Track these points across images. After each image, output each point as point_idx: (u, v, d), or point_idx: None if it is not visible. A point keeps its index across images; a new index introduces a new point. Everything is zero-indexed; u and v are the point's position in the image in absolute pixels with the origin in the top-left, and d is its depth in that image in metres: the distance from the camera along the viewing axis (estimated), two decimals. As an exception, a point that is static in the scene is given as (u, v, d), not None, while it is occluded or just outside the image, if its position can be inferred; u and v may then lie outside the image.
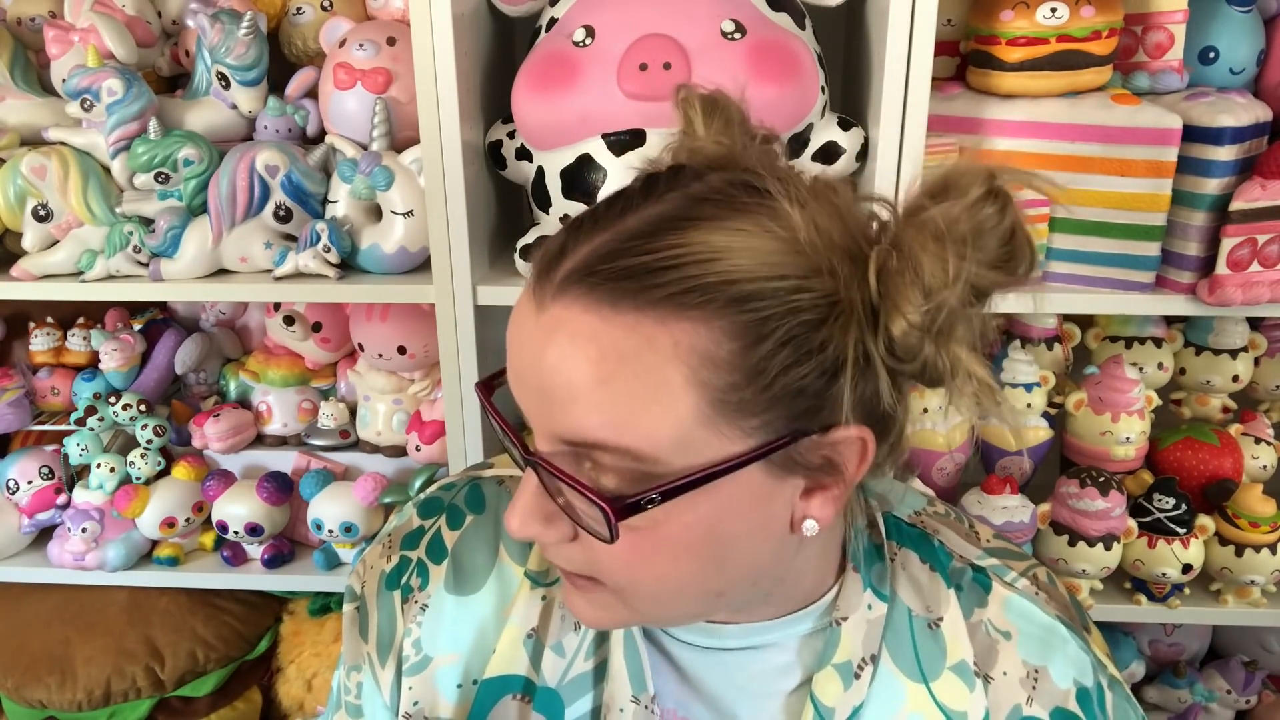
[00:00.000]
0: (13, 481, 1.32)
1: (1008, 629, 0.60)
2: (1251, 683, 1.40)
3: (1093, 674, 0.60)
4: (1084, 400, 1.18)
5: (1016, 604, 0.61)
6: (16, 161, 1.10)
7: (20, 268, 1.14)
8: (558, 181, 1.00)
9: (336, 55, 1.11)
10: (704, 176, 0.49)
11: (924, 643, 0.60)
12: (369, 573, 0.66)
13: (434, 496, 0.67)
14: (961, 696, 0.59)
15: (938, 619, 0.61)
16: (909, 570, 0.62)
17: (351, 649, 0.66)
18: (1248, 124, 0.98)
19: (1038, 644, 0.60)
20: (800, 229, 0.46)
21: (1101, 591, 1.23)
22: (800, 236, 0.46)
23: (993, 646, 0.60)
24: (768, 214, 0.47)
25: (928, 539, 0.64)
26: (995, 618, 0.61)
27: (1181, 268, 1.03)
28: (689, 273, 0.45)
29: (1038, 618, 0.60)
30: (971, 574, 0.62)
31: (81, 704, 1.32)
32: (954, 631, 0.60)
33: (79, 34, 1.14)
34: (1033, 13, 0.98)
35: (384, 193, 1.09)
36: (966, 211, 0.45)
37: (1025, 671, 0.59)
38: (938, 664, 0.60)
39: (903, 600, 0.61)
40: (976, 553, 0.63)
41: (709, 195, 0.48)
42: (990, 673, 0.60)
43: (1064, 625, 0.60)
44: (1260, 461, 1.23)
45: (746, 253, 0.45)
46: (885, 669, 0.59)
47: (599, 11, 0.96)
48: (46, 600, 1.39)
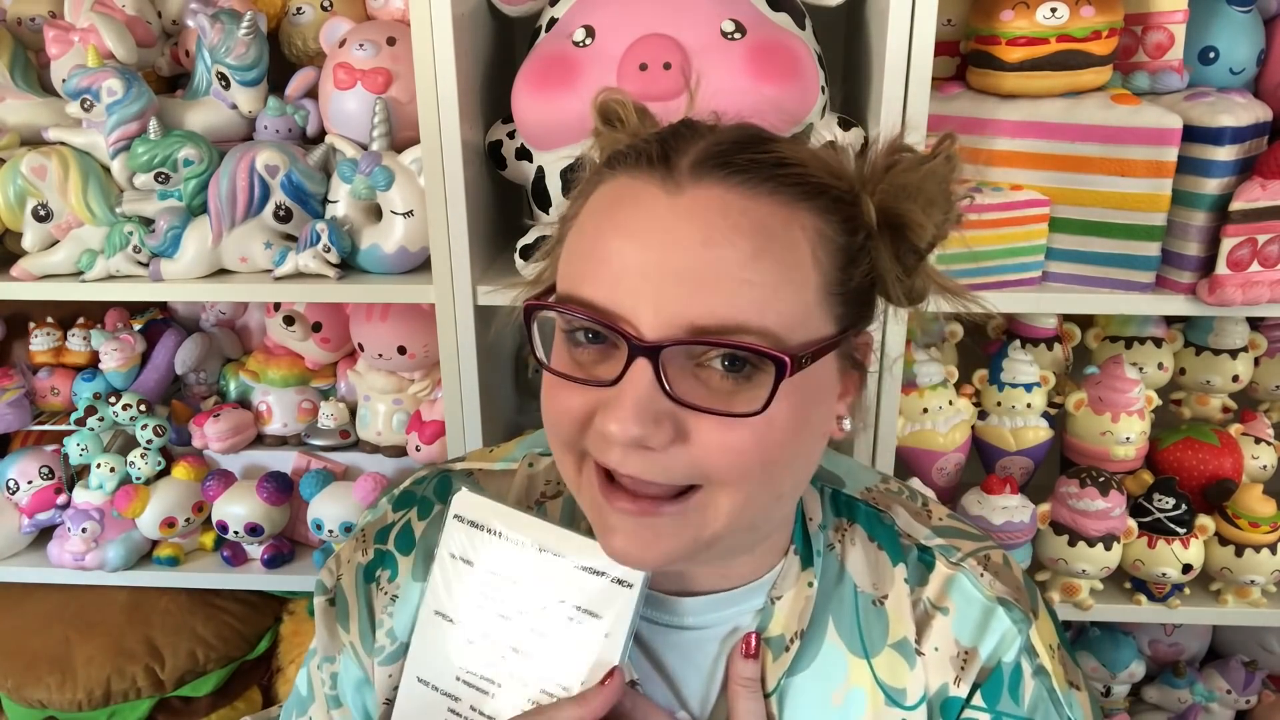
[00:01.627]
0: (13, 481, 1.32)
1: (945, 605, 0.61)
2: (1251, 683, 1.40)
3: (1015, 654, 0.59)
4: (1084, 400, 1.18)
5: (956, 582, 0.61)
6: (16, 161, 1.11)
7: (20, 268, 1.14)
8: (558, 181, 1.00)
9: (336, 55, 1.11)
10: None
11: (868, 618, 0.61)
12: (345, 567, 0.67)
13: (407, 490, 0.69)
14: (901, 673, 0.60)
15: (883, 596, 0.62)
16: (858, 546, 0.63)
17: (326, 641, 0.67)
18: (1248, 124, 0.98)
19: (972, 624, 0.60)
20: (831, 156, 0.53)
21: (1101, 591, 1.23)
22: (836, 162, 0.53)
23: (928, 621, 0.61)
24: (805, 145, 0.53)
25: (878, 516, 0.64)
26: (934, 595, 0.61)
27: (1181, 268, 1.03)
28: (799, 170, 0.50)
29: (976, 598, 0.60)
30: (917, 553, 0.63)
31: (81, 704, 1.32)
32: (898, 609, 0.61)
33: (79, 34, 1.14)
34: (1033, 13, 0.98)
35: (384, 193, 1.09)
36: (938, 165, 0.54)
37: (956, 650, 0.60)
38: (879, 640, 0.61)
39: (850, 575, 0.62)
40: (925, 532, 0.64)
41: (748, 124, 0.54)
42: (922, 648, 0.60)
43: (1004, 607, 0.60)
44: (1260, 461, 1.23)
45: (824, 166, 0.52)
46: (829, 642, 0.61)
47: (599, 11, 0.96)
48: (46, 600, 1.39)
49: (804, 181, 0.50)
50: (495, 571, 0.60)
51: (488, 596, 0.60)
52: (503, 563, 0.59)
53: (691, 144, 0.51)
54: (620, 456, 0.50)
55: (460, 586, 0.61)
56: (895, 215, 0.53)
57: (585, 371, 0.51)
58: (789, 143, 0.53)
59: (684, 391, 0.48)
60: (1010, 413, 1.19)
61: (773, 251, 0.48)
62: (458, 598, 0.60)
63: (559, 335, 0.53)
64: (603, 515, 0.52)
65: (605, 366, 0.50)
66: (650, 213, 0.49)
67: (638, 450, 0.49)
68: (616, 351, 0.50)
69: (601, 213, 0.51)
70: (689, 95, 0.61)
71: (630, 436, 0.47)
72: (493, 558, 0.60)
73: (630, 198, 0.50)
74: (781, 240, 0.49)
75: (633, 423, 0.47)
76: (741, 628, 0.61)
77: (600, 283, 0.49)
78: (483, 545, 0.60)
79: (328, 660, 0.67)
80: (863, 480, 0.67)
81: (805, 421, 0.52)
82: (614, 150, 0.54)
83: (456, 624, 0.60)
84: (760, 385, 0.48)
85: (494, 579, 0.60)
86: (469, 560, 0.60)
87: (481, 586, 0.60)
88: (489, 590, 0.60)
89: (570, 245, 0.53)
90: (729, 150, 0.50)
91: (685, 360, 0.49)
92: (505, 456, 0.70)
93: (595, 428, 0.50)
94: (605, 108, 0.60)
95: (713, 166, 0.49)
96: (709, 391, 0.49)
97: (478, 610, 0.60)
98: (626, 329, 0.48)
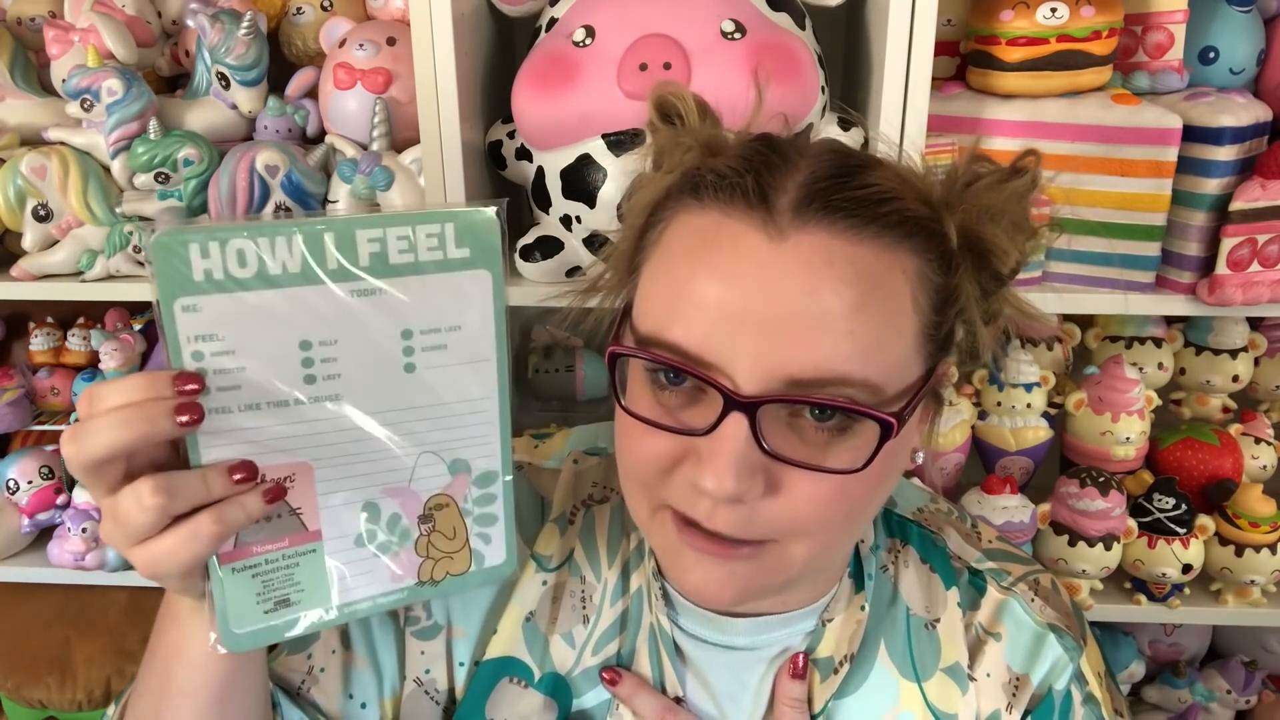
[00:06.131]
0: (13, 481, 1.32)
1: (998, 631, 0.60)
2: (1251, 683, 1.40)
3: (1067, 681, 0.59)
4: (1084, 400, 1.18)
5: (1008, 608, 0.60)
6: (16, 161, 1.10)
7: (20, 268, 1.14)
8: (558, 181, 1.00)
9: (336, 55, 1.11)
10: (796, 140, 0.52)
11: (919, 642, 0.60)
12: None
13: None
14: (953, 699, 0.59)
15: (935, 620, 0.61)
16: (910, 569, 0.62)
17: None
18: (1248, 124, 0.98)
19: (1024, 651, 0.59)
20: (917, 178, 0.51)
21: (1101, 591, 1.23)
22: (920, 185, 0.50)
23: (980, 647, 0.60)
24: (887, 166, 0.51)
25: (930, 538, 0.64)
26: (986, 620, 0.60)
27: (1181, 268, 1.03)
28: (896, 206, 0.48)
29: (1027, 624, 0.60)
30: (969, 576, 0.62)
31: (81, 704, 1.32)
32: (950, 633, 0.60)
33: (79, 34, 1.14)
34: (1033, 13, 0.98)
35: (384, 193, 1.09)
36: (1023, 184, 0.52)
37: (1008, 677, 0.59)
38: (931, 665, 0.60)
39: (903, 598, 0.61)
40: (976, 555, 0.63)
41: (835, 146, 0.51)
42: (974, 673, 0.60)
43: (1055, 634, 0.59)
44: (1260, 461, 1.23)
45: (915, 193, 0.49)
46: (881, 665, 0.60)
47: (599, 11, 0.96)
48: (46, 600, 1.39)
49: (904, 220, 0.48)
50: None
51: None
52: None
53: (787, 177, 0.48)
54: (709, 510, 0.48)
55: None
56: (977, 239, 0.50)
57: (672, 416, 0.49)
58: (881, 168, 0.50)
59: (778, 444, 0.46)
60: (1010, 413, 1.19)
61: (876, 300, 0.46)
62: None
63: (639, 374, 0.51)
64: (678, 555, 0.51)
65: (694, 412, 0.49)
66: (750, 259, 0.46)
67: (728, 504, 0.47)
68: (706, 397, 0.48)
69: (693, 251, 0.48)
70: (757, 96, 0.58)
71: (727, 494, 0.46)
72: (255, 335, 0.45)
73: (728, 240, 0.47)
74: (885, 288, 0.47)
75: (730, 479, 0.45)
76: (791, 648, 0.60)
77: (692, 327, 0.47)
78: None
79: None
80: (913, 500, 0.66)
81: (891, 466, 0.50)
82: (698, 177, 0.50)
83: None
84: (855, 435, 0.47)
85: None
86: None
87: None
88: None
89: (654, 280, 0.51)
90: (829, 189, 0.47)
91: (778, 411, 0.47)
92: (555, 454, 0.69)
93: (685, 478, 0.48)
94: (664, 102, 0.56)
95: (816, 210, 0.46)
96: (803, 444, 0.47)
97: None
98: (722, 382, 0.46)
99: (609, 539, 0.64)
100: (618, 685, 0.60)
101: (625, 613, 0.62)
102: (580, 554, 0.64)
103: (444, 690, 0.63)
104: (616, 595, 0.62)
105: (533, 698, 0.61)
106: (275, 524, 0.47)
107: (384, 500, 0.49)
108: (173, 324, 0.44)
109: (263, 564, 0.48)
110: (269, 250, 0.44)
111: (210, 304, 0.44)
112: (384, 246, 0.46)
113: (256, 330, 0.45)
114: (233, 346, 0.45)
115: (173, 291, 0.43)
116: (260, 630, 0.48)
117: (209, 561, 0.46)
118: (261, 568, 0.48)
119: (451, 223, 0.47)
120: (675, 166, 0.53)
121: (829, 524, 0.49)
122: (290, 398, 0.46)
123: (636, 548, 0.63)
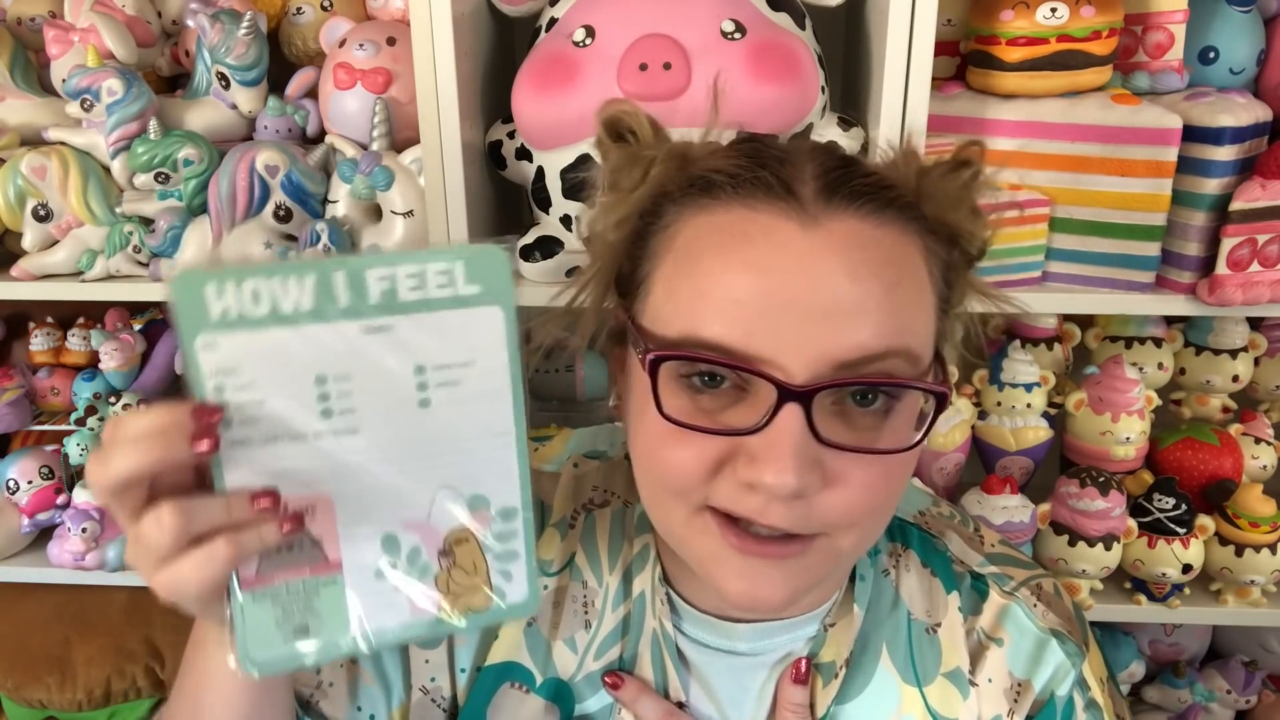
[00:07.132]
0: (13, 481, 1.32)
1: (1000, 636, 0.60)
2: (1251, 683, 1.40)
3: (1069, 687, 0.58)
4: (1084, 400, 1.18)
5: (1010, 613, 0.60)
6: (16, 161, 1.10)
7: (20, 268, 1.14)
8: (558, 181, 1.00)
9: (336, 55, 1.11)
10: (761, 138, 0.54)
11: (920, 646, 0.60)
12: None
13: None
14: (954, 703, 0.59)
15: (936, 624, 0.60)
16: (912, 573, 0.62)
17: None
18: (1248, 124, 0.98)
19: (1026, 656, 0.59)
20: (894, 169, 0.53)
21: (1101, 591, 1.23)
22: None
23: (981, 652, 0.60)
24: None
25: (931, 542, 0.63)
26: (988, 625, 0.60)
27: (1181, 268, 1.03)
28: (899, 192, 0.50)
29: (1029, 629, 0.60)
30: (970, 581, 0.62)
31: (81, 704, 1.32)
32: (951, 638, 0.60)
33: (79, 34, 1.14)
34: (1033, 13, 0.98)
35: (384, 193, 1.09)
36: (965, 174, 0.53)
37: (1010, 683, 0.59)
38: (932, 669, 0.60)
39: (905, 602, 0.61)
40: (978, 559, 0.63)
41: (816, 143, 0.54)
42: (975, 678, 0.60)
43: (1058, 639, 0.59)
44: (1260, 461, 1.23)
45: (900, 182, 0.51)
46: (882, 669, 0.60)
47: (599, 11, 0.96)
48: (46, 600, 1.39)
49: (906, 204, 0.50)
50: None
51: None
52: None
53: (800, 169, 0.49)
54: (761, 506, 0.47)
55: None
56: (945, 225, 0.52)
57: (712, 419, 0.48)
58: (867, 162, 0.52)
59: (830, 433, 0.46)
60: (1010, 413, 1.19)
61: (907, 278, 0.48)
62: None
63: (670, 380, 0.49)
64: (723, 562, 0.50)
65: (736, 412, 0.48)
66: (786, 248, 0.46)
67: (784, 500, 0.46)
68: (749, 395, 0.48)
69: (722, 247, 0.48)
70: (713, 104, 0.56)
71: (790, 489, 0.45)
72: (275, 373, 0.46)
73: (761, 232, 0.47)
74: (911, 265, 0.49)
75: (792, 473, 0.45)
76: (794, 653, 0.60)
77: (733, 323, 0.46)
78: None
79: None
80: (915, 503, 0.66)
81: (918, 449, 0.50)
82: (705, 177, 0.50)
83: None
84: (896, 415, 0.48)
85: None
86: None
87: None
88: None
89: (675, 282, 0.50)
90: (844, 177, 0.48)
91: (824, 400, 0.47)
92: (554, 458, 0.68)
93: (732, 479, 0.48)
94: (614, 121, 0.56)
95: (842, 197, 0.47)
96: (851, 430, 0.47)
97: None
98: (774, 373, 0.45)
99: (610, 543, 0.64)
100: (620, 690, 0.60)
101: (627, 617, 0.62)
102: (581, 558, 0.63)
103: (449, 697, 0.63)
104: (619, 600, 0.62)
105: (534, 703, 0.61)
106: (297, 553, 0.48)
107: (404, 534, 0.50)
108: (194, 359, 0.45)
109: (283, 591, 0.48)
110: (282, 289, 0.45)
111: (228, 341, 0.45)
112: (394, 284, 0.46)
113: (273, 366, 0.46)
114: (251, 381, 0.46)
115: (192, 329, 0.45)
116: (279, 656, 0.49)
117: (230, 586, 0.47)
118: (282, 595, 0.48)
119: (461, 259, 0.47)
120: (642, 180, 0.53)
121: (876, 511, 0.50)
122: (308, 431, 0.47)
123: (639, 552, 0.63)
